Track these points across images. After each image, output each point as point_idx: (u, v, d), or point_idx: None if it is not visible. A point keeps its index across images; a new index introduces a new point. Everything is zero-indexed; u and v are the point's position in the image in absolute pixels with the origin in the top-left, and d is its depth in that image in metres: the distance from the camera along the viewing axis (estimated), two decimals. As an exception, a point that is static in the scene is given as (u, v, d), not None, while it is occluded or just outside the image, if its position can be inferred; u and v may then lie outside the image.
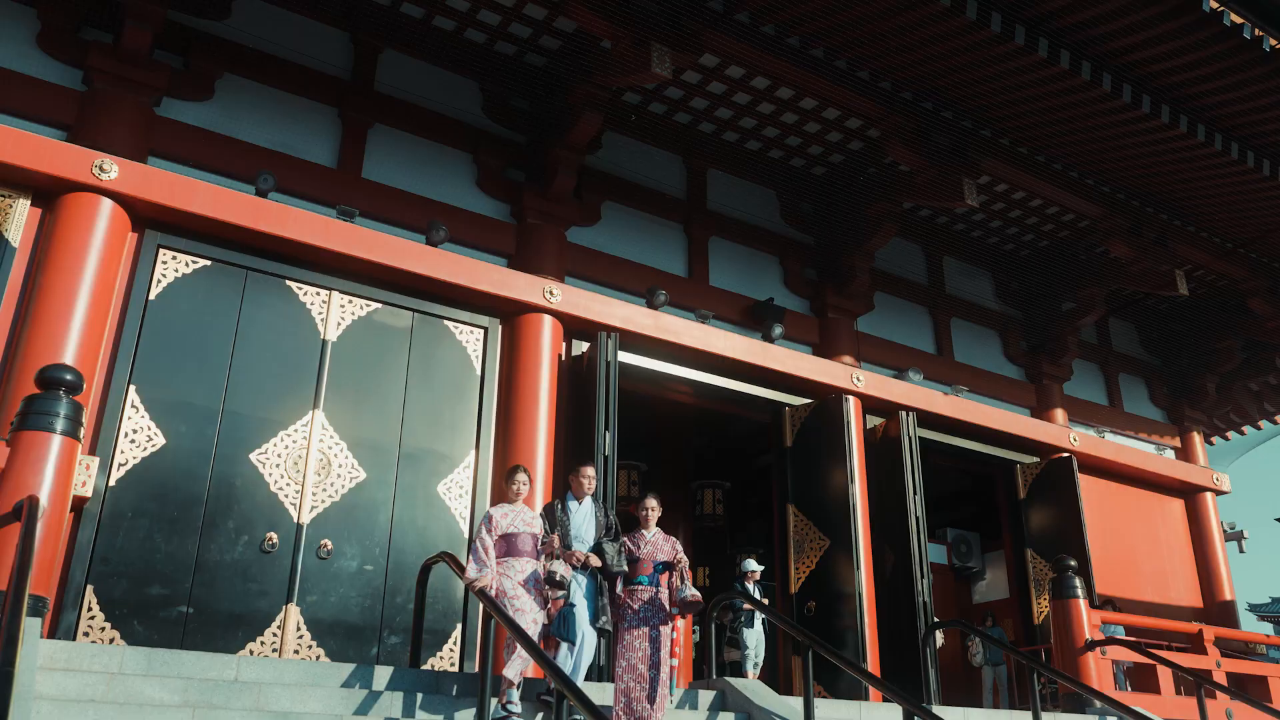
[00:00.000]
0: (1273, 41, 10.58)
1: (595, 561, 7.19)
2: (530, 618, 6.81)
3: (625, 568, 7.32)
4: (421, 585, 7.48)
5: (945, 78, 11.51)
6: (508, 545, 7.10)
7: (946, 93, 11.95)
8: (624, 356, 11.12)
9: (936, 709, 8.66)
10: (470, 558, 6.97)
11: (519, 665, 6.58)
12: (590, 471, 7.68)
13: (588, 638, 7.02)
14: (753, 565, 11.69)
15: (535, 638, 6.68)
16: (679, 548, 7.64)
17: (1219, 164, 12.48)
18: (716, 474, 17.43)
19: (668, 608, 7.36)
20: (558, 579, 6.96)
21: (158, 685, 5.22)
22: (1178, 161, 12.68)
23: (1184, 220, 14.55)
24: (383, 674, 6.16)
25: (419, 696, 5.99)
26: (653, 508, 7.78)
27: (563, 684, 5.35)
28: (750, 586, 11.50)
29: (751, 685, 7.64)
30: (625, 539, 7.56)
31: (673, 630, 7.50)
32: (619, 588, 7.38)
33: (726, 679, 7.92)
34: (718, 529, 16.96)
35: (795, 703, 7.27)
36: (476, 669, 8.63)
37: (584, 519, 7.53)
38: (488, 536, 7.03)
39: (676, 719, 6.83)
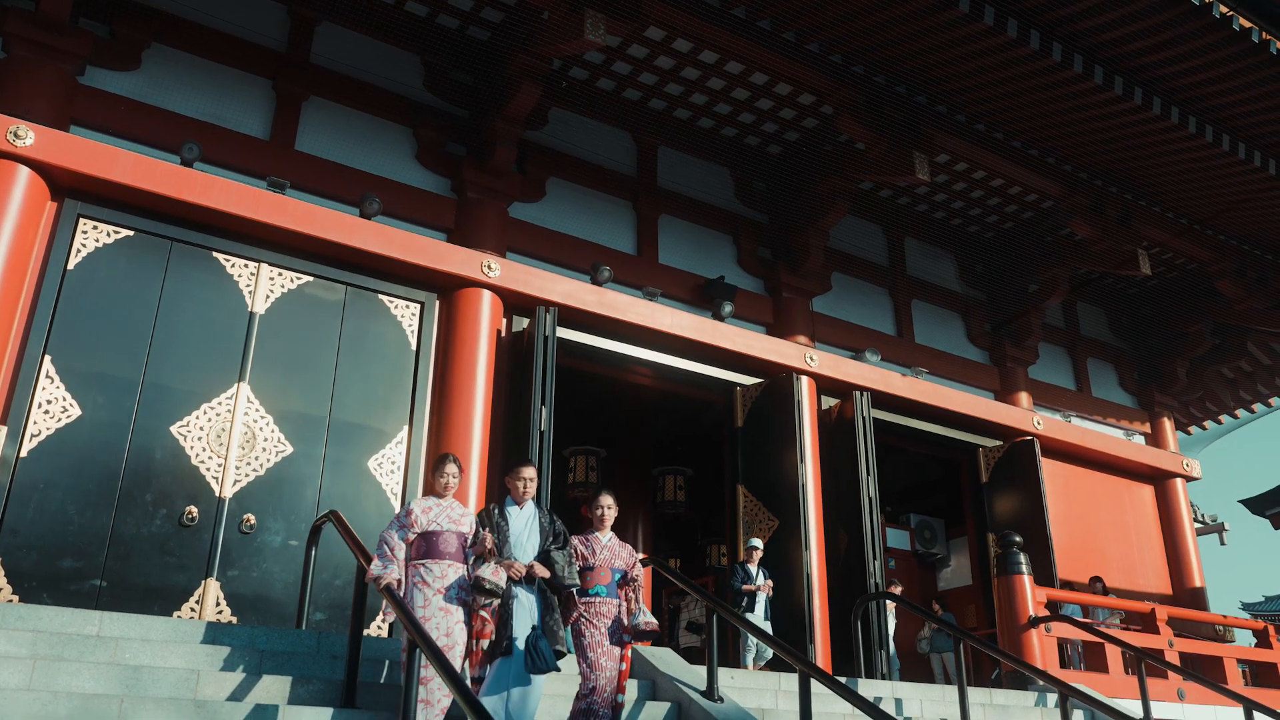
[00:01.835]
0: (1223, 8, 10.40)
1: (542, 573, 6.07)
2: (440, 644, 5.58)
3: (578, 580, 6.26)
4: (312, 545, 7.26)
5: (894, 48, 11.33)
6: (427, 545, 5.99)
7: (897, 65, 11.78)
8: (568, 334, 10.96)
9: (867, 683, 8.46)
10: (375, 554, 5.94)
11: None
12: (529, 473, 6.51)
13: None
14: (756, 543, 11.07)
15: (456, 662, 5.67)
16: (635, 556, 6.72)
17: (1176, 138, 12.30)
18: (683, 463, 17.21)
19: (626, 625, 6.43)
20: (487, 586, 5.75)
21: (3, 638, 5.04)
22: (1135, 137, 12.50)
23: (1146, 200, 14.36)
24: (259, 633, 5.97)
25: (289, 656, 5.79)
26: (609, 506, 6.75)
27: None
28: (753, 568, 10.85)
29: (658, 653, 7.41)
30: (577, 541, 6.57)
31: (624, 660, 6.41)
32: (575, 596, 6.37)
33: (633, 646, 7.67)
34: (679, 515, 16.74)
35: (704, 671, 7.04)
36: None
37: (525, 524, 6.37)
38: (395, 534, 5.98)
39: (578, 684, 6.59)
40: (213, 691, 5.18)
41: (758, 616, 10.67)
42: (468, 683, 5.74)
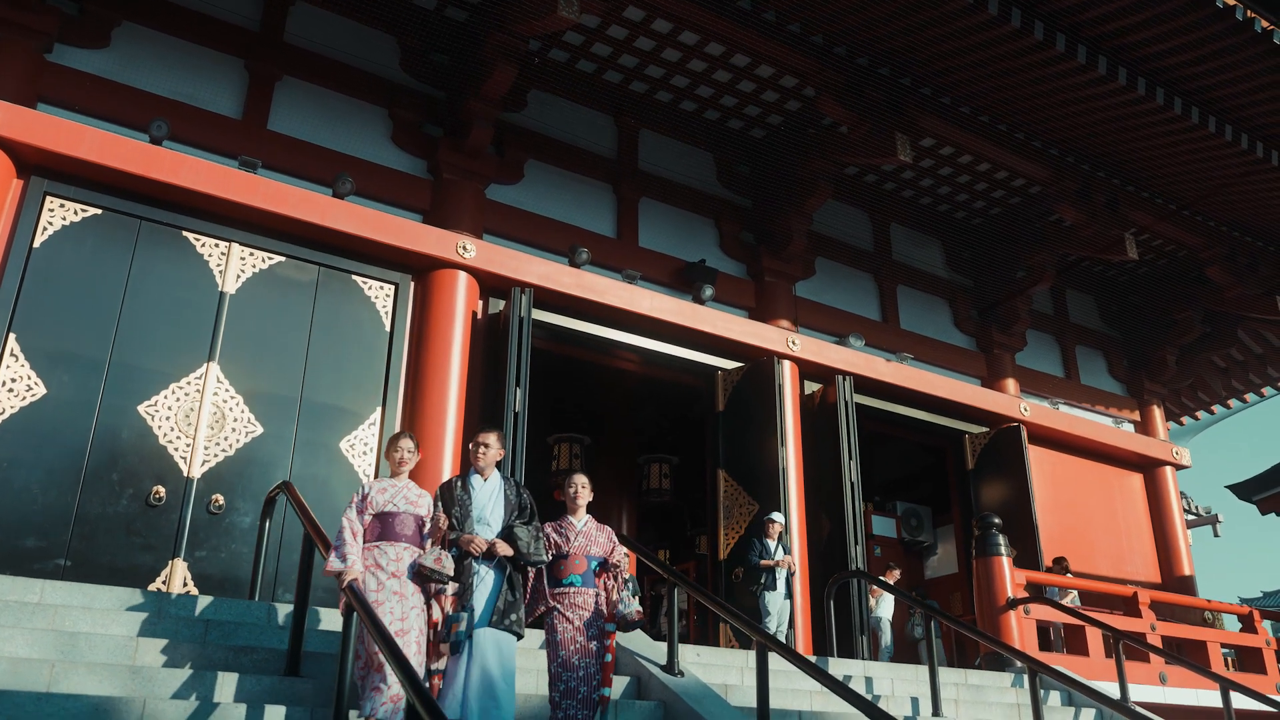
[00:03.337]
0: (1206, -14, 10.29)
1: (504, 550, 5.74)
2: (395, 628, 5.38)
3: (544, 556, 5.92)
4: (266, 517, 7.16)
5: (875, 29, 11.21)
6: (383, 527, 5.73)
7: (879, 46, 11.66)
8: (545, 316, 10.89)
9: (838, 661, 8.36)
10: (334, 543, 5.62)
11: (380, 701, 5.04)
12: (490, 439, 6.15)
13: (488, 650, 5.48)
14: (777, 518, 10.66)
15: (411, 654, 5.34)
16: (615, 540, 6.33)
17: (1161, 120, 12.16)
18: (672, 452, 17.11)
19: (608, 615, 6.05)
20: (426, 574, 5.53)
21: (-62, 604, 4.97)
22: (1121, 119, 12.37)
23: (1134, 185, 14.23)
24: (208, 603, 5.88)
25: (236, 626, 5.69)
26: (582, 486, 6.35)
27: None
28: (771, 543, 10.45)
29: (619, 627, 7.30)
30: (549, 528, 6.22)
31: (608, 652, 6.04)
32: (546, 587, 6.08)
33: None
34: (665, 504, 16.64)
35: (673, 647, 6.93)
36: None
37: (490, 498, 6.03)
38: (356, 516, 5.70)
39: (538, 659, 6.50)
40: (151, 659, 5.09)
41: (779, 594, 10.30)
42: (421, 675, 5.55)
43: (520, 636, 5.73)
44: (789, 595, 10.44)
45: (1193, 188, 13.87)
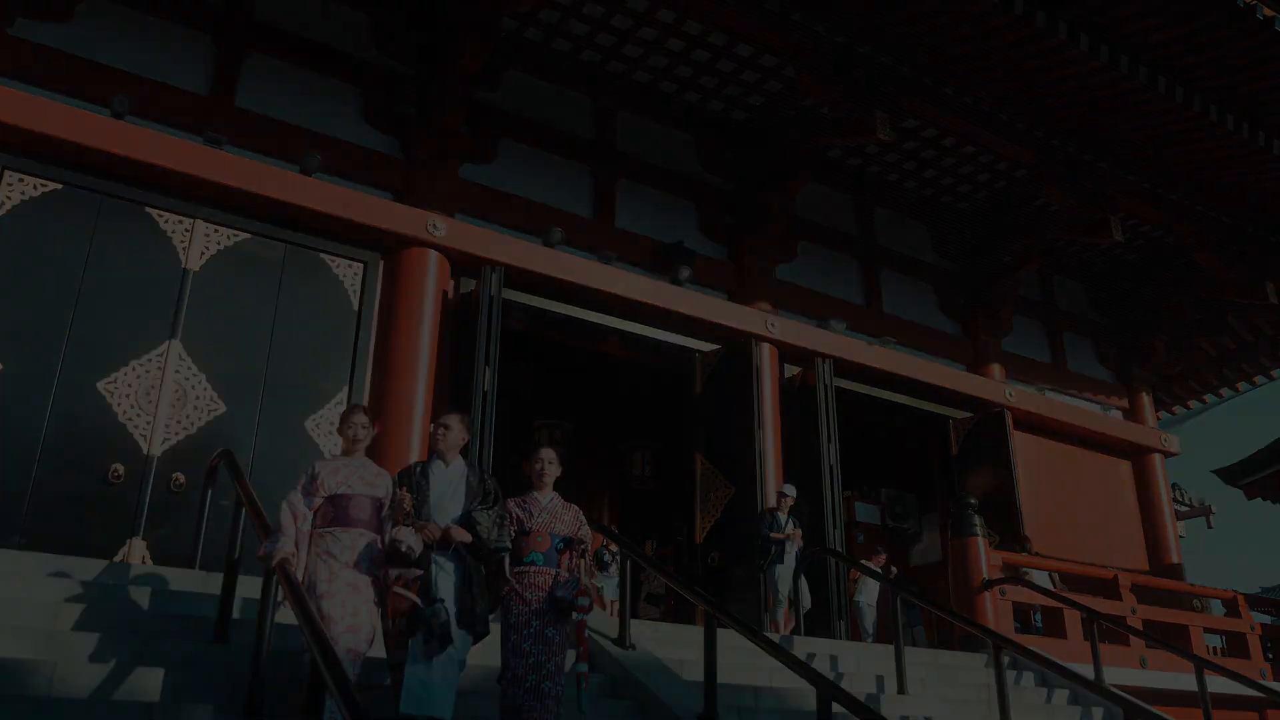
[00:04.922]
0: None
1: (461, 536, 5.28)
2: (344, 625, 4.99)
3: (508, 543, 5.52)
4: (209, 486, 7.02)
5: (855, 5, 11.06)
6: (336, 511, 5.28)
7: (858, 23, 11.50)
8: (520, 296, 10.77)
9: (804, 640, 8.22)
10: (272, 527, 5.28)
11: None
12: (452, 421, 5.74)
13: (455, 647, 5.13)
14: (789, 490, 10.58)
15: (359, 648, 5.03)
16: (581, 519, 5.97)
17: (1146, 99, 12.00)
18: (658, 440, 16.93)
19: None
20: (403, 550, 5.06)
21: None
22: (1105, 98, 12.20)
23: (1120, 166, 14.04)
24: (137, 571, 5.76)
25: (174, 595, 5.56)
26: (549, 461, 5.99)
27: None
28: (783, 516, 10.32)
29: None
30: (512, 504, 5.83)
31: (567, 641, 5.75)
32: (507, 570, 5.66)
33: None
34: (648, 492, 16.47)
35: (624, 621, 6.79)
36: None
37: (450, 484, 5.57)
38: (300, 499, 5.29)
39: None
40: (72, 624, 4.96)
41: (788, 567, 10.22)
42: (387, 666, 5.40)
43: (484, 635, 5.36)
44: (799, 571, 10.30)
45: (1178, 169, 13.69)
